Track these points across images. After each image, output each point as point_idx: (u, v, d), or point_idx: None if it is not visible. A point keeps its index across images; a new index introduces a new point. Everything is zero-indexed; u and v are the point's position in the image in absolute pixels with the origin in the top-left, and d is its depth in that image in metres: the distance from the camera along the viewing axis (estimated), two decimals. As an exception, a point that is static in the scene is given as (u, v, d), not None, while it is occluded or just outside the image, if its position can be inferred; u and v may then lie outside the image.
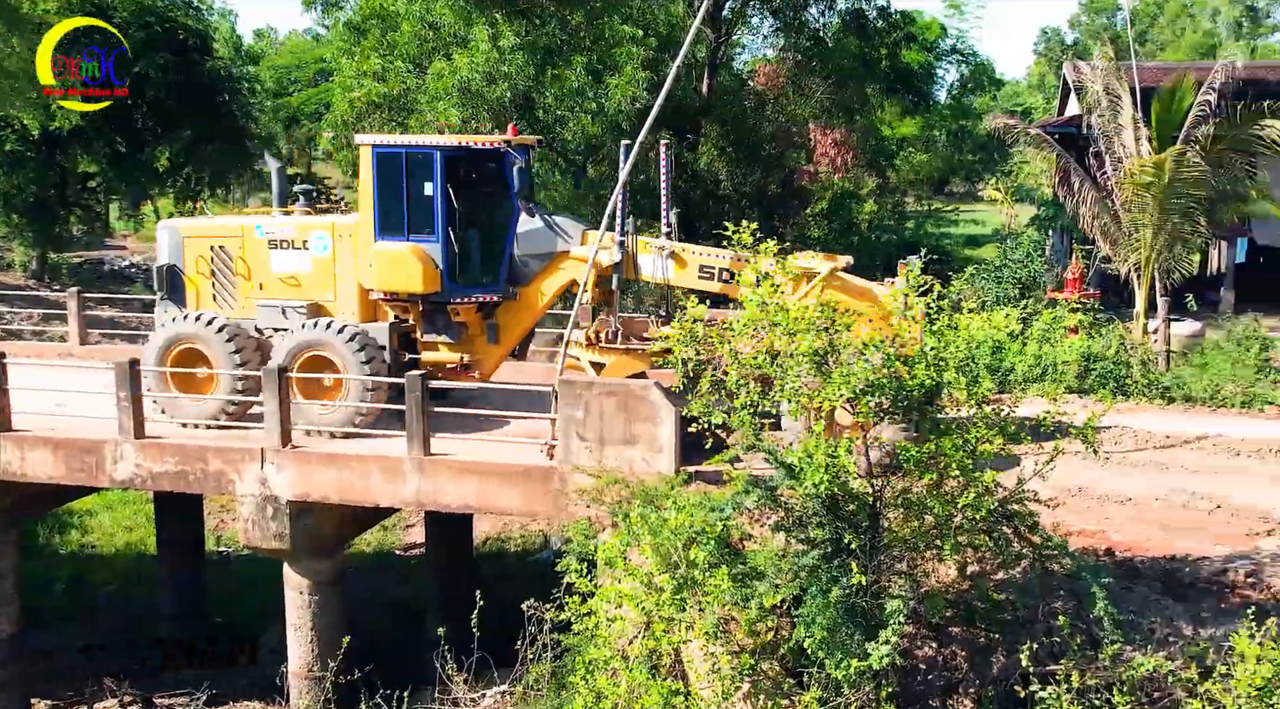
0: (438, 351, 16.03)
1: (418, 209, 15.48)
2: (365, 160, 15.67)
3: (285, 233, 16.14)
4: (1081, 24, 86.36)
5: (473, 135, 16.76)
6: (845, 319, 10.73)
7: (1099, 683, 9.40)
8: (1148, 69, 35.72)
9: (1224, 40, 75.04)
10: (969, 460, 9.90)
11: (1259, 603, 10.42)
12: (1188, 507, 13.14)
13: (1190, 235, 23.16)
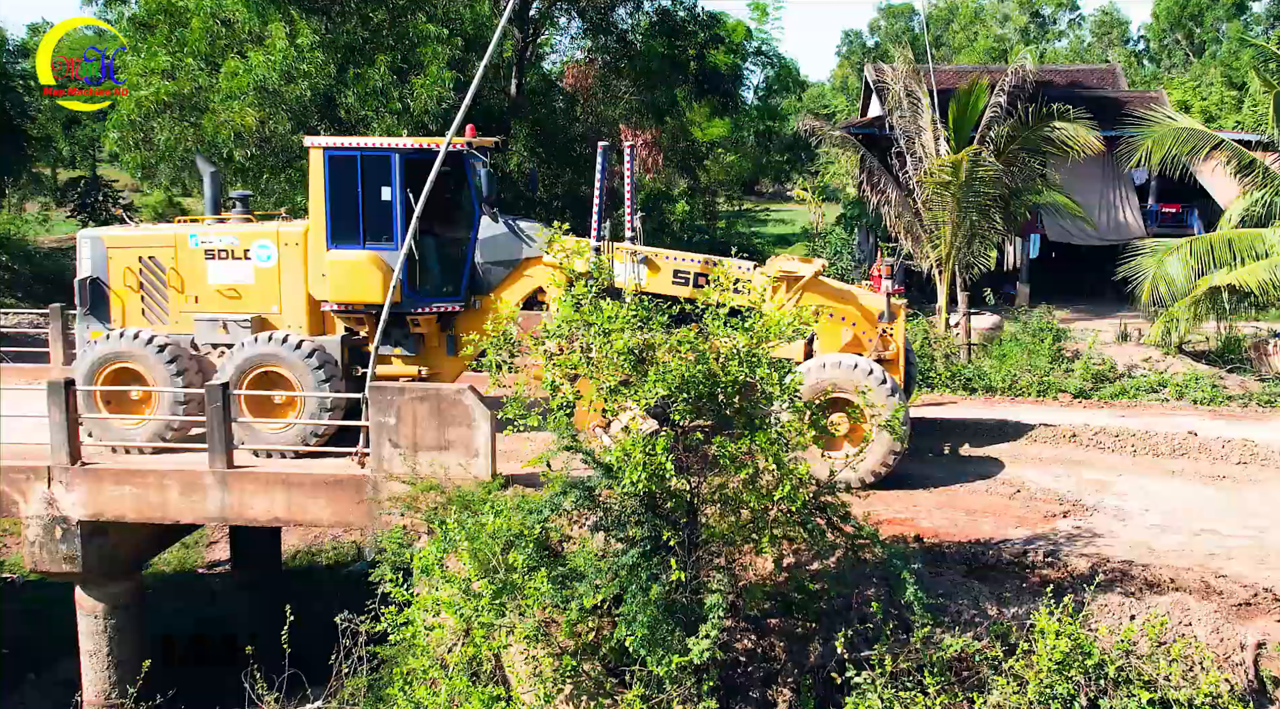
0: (392, 365, 15.39)
1: (374, 215, 14.87)
2: (316, 164, 14.94)
3: (224, 242, 15.26)
4: (881, 28, 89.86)
5: (431, 137, 15.96)
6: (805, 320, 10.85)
7: (911, 665, 9.83)
8: (944, 72, 37.53)
9: (1015, 45, 79.29)
10: (784, 454, 10.18)
11: (1057, 581, 11.08)
12: (990, 492, 13.89)
13: (987, 232, 24.41)
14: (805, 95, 76.15)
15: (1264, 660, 10.37)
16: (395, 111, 25.47)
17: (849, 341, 14.55)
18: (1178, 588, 11.08)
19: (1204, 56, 72.34)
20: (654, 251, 15.21)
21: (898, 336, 14.58)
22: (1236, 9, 73.71)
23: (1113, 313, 29.05)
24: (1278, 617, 10.68)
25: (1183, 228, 34.75)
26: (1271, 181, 22.28)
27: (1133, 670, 9.75)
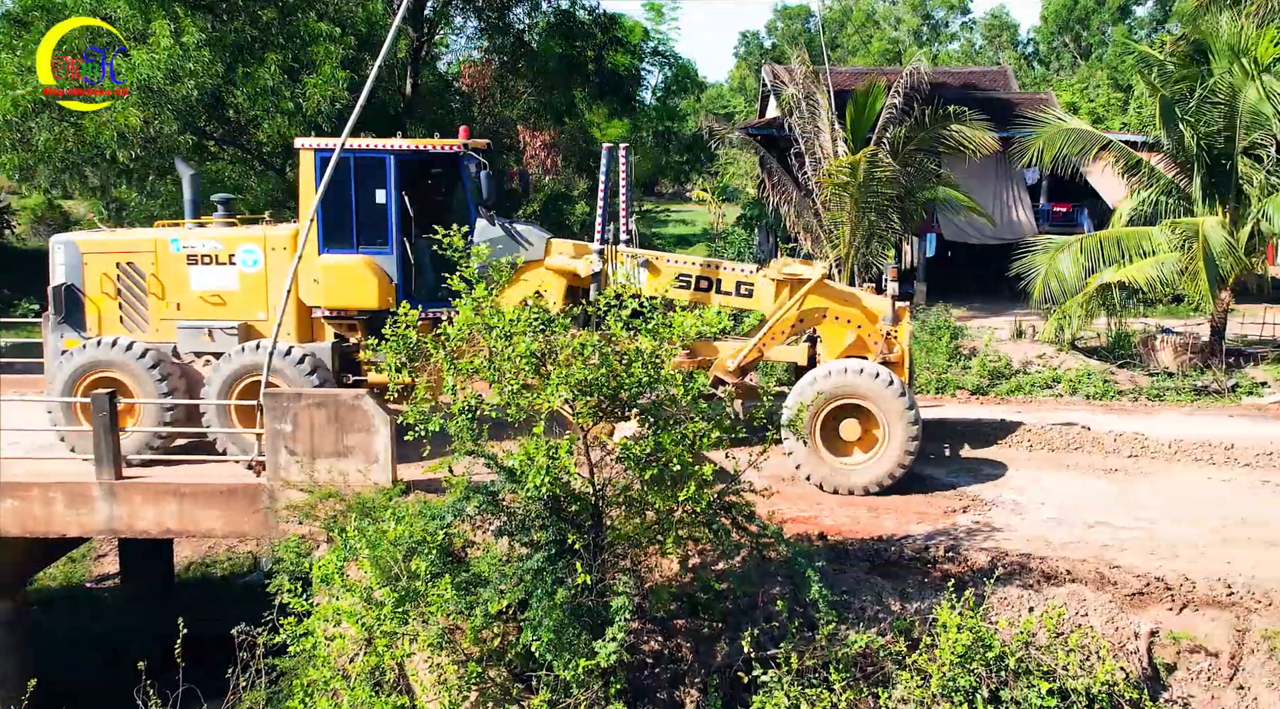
0: (381, 372, 14.91)
1: (368, 218, 14.56)
2: (307, 166, 14.62)
3: (208, 247, 14.83)
4: (778, 29, 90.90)
5: (425, 138, 15.58)
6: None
7: (817, 663, 9.95)
8: (841, 73, 38.05)
9: (908, 47, 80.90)
10: (689, 455, 10.24)
11: (958, 575, 11.31)
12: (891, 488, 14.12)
13: (885, 232, 24.83)
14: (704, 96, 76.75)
15: (1157, 648, 10.70)
16: (286, 111, 25.01)
17: (853, 344, 14.70)
18: (1074, 579, 11.38)
19: (1090, 59, 74.64)
20: (655, 255, 15.21)
21: (903, 339, 14.67)
22: (1121, 13, 76.17)
23: (1007, 310, 29.76)
24: (1169, 605, 11.03)
25: (1073, 226, 35.74)
26: (1158, 181, 23.06)
27: (1032, 661, 9.99)
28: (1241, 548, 12.23)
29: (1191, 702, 10.34)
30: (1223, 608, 10.94)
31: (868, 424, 13.88)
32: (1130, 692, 9.86)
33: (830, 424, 13.93)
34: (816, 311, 14.63)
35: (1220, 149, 21.41)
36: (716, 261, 15.38)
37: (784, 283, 14.65)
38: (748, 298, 15.04)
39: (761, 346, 14.68)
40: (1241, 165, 21.49)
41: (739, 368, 14.67)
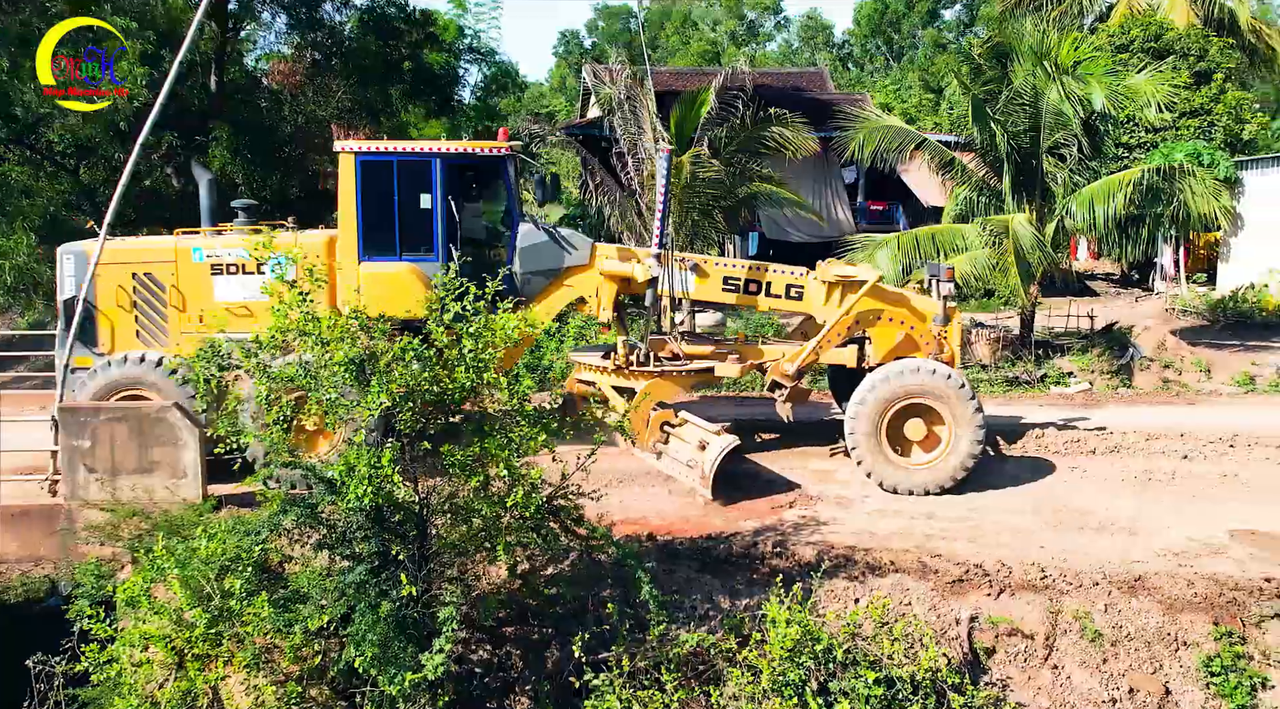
0: None
1: (412, 224, 14.15)
2: (347, 170, 14.19)
3: (234, 256, 14.20)
4: (599, 28, 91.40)
5: (470, 141, 14.97)
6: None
7: (648, 664, 10.04)
8: (662, 73, 38.50)
9: (727, 48, 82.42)
10: (515, 459, 10.19)
11: (786, 570, 11.57)
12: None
13: (709, 232, 25.19)
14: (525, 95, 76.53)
15: (977, 633, 11.17)
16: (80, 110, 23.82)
17: (902, 343, 14.89)
18: (898, 570, 11.78)
19: (903, 61, 77.47)
20: (703, 259, 15.28)
21: (953, 339, 14.94)
22: (930, 17, 79.24)
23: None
24: (988, 591, 11.53)
25: (890, 224, 37.00)
26: (969, 180, 24.05)
27: (859, 652, 10.30)
28: (1054, 532, 12.89)
29: (1010, 682, 10.83)
30: (1037, 591, 11.50)
31: (931, 424, 14.13)
32: (952, 677, 10.26)
33: (894, 424, 14.16)
34: (871, 313, 14.85)
35: (1026, 148, 22.44)
36: (764, 265, 15.53)
37: (835, 285, 14.90)
38: (798, 300, 15.35)
39: (819, 349, 14.83)
40: (1046, 164, 22.55)
41: (798, 371, 14.83)
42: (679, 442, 14.36)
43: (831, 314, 14.95)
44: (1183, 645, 10.98)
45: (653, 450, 14.60)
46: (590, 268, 15.09)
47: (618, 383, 14.84)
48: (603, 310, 15.05)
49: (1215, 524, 13.17)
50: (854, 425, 14.11)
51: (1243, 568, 11.91)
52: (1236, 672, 10.69)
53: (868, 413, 14.04)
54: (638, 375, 14.71)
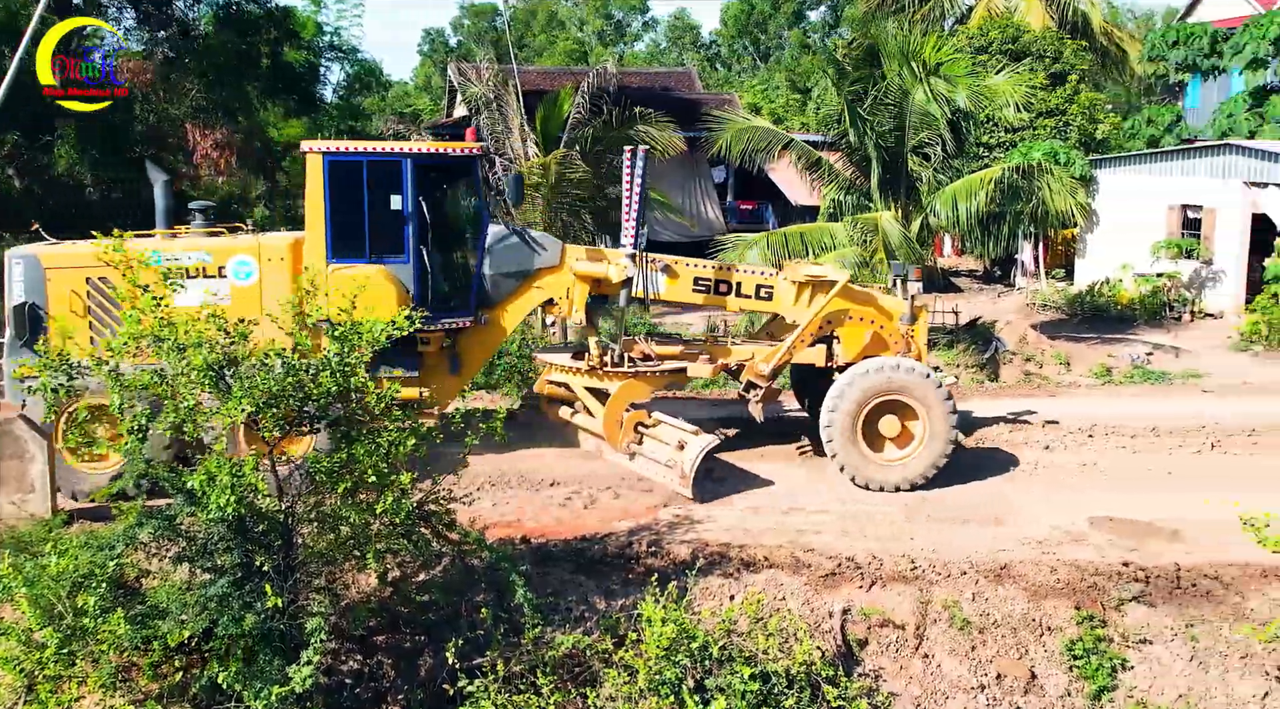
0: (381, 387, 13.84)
1: (382, 226, 13.95)
2: (314, 171, 13.89)
3: (194, 259, 13.85)
4: (464, 26, 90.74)
5: (440, 141, 14.26)
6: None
7: (524, 668, 10.02)
8: (529, 73, 38.41)
9: (594, 48, 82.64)
10: (384, 465, 10.08)
11: (661, 569, 11.66)
12: (597, 487, 14.37)
13: (579, 232, 25.24)
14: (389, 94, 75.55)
15: (849, 625, 11.41)
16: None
17: (871, 342, 15.15)
18: (772, 565, 11.97)
19: (770, 62, 78.68)
20: (674, 260, 15.31)
21: (919, 338, 15.27)
22: (796, 18, 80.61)
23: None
24: (860, 584, 11.79)
25: (760, 223, 37.56)
26: (836, 179, 24.56)
27: (735, 648, 10.42)
28: (923, 525, 13.24)
29: (882, 673, 11.08)
30: (907, 582, 11.80)
31: (904, 421, 14.33)
32: (826, 669, 10.45)
33: (868, 421, 14.33)
34: (841, 313, 15.09)
35: (893, 148, 23.01)
36: (734, 265, 15.82)
37: (804, 285, 15.08)
38: (767, 300, 15.57)
39: (793, 349, 14.99)
40: (912, 163, 23.16)
41: (773, 371, 15.01)
42: (654, 442, 14.43)
43: (801, 313, 15.22)
44: (1047, 630, 11.37)
45: (626, 451, 14.62)
46: (560, 269, 15.12)
47: (591, 384, 14.89)
48: (575, 311, 15.10)
49: (1076, 512, 13.68)
50: (831, 420, 14.31)
51: (1102, 554, 12.40)
52: (1098, 654, 11.12)
53: (845, 409, 14.25)
54: (612, 376, 14.72)
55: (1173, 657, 11.16)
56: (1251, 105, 32.21)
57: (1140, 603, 11.54)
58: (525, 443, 15.63)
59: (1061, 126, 31.30)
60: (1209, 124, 34.16)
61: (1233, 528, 11.24)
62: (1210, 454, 16.26)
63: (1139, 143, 34.68)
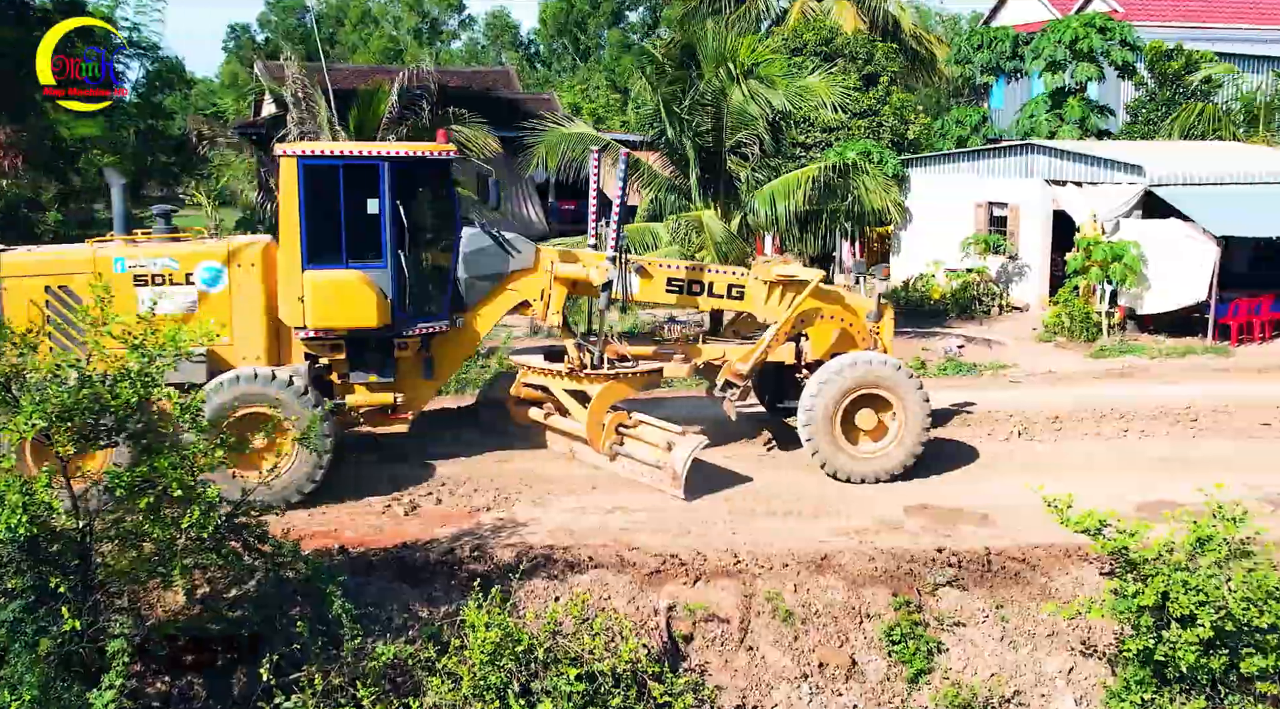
0: (355, 393, 14.47)
1: (359, 230, 13.80)
2: (289, 175, 13.69)
3: (160, 265, 13.65)
4: (271, 23, 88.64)
5: (415, 143, 14.61)
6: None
7: (344, 680, 9.87)
8: (341, 71, 37.81)
9: (410, 45, 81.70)
10: (190, 478, 9.82)
11: (485, 574, 11.63)
12: (418, 493, 14.25)
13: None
14: (193, 92, 73.25)
15: (675, 621, 11.60)
16: None
17: (839, 339, 15.70)
18: (597, 564, 12.07)
19: (590, 61, 79.10)
20: (648, 260, 15.72)
21: (885, 335, 15.95)
22: (615, 18, 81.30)
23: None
24: (684, 580, 11.99)
25: (582, 223, 37.62)
26: (655, 179, 24.86)
27: (560, 650, 10.47)
28: (745, 518, 13.54)
29: (708, 667, 11.31)
30: (731, 576, 12.06)
31: (879, 414, 14.81)
32: (652, 666, 10.60)
33: (845, 415, 14.75)
34: (813, 311, 15.52)
35: (711, 148, 23.41)
36: (705, 265, 16.20)
37: (775, 284, 15.43)
38: (739, 300, 15.91)
39: (768, 348, 15.38)
40: (730, 163, 23.60)
41: (750, 369, 15.33)
42: (638, 443, 14.62)
43: (773, 313, 15.64)
44: (866, 617, 11.78)
45: (608, 453, 14.78)
46: (535, 271, 15.17)
47: (571, 386, 14.98)
48: (553, 314, 15.15)
49: (893, 501, 14.21)
50: (810, 417, 14.70)
51: (917, 541, 12.90)
52: (915, 638, 11.57)
53: (824, 404, 14.66)
54: (593, 379, 14.83)
55: (985, 637, 11.71)
56: (1051, 107, 33.83)
57: (954, 587, 12.06)
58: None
59: (875, 127, 32.34)
60: (1012, 124, 35.76)
61: (1038, 511, 11.82)
62: (1018, 441, 17.09)
63: (948, 142, 36.08)
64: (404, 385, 14.73)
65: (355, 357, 14.42)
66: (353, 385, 14.54)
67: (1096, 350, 23.43)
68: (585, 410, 14.81)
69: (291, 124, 25.72)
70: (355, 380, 14.53)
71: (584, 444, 15.15)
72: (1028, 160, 28.15)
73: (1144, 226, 24.44)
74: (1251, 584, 10.26)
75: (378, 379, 14.49)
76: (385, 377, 14.49)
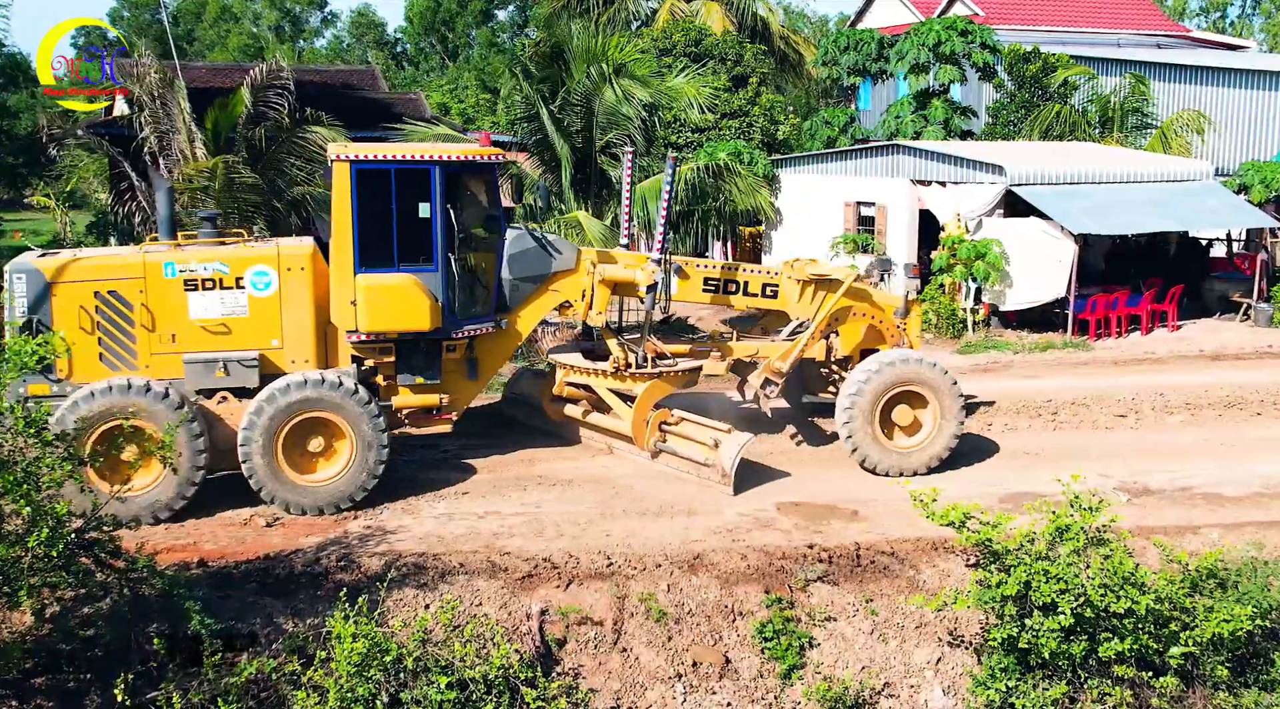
0: (401, 395, 14.68)
1: (410, 233, 14.02)
2: (342, 179, 13.89)
3: (210, 270, 13.73)
4: (124, 18, 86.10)
5: (463, 146, 14.81)
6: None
7: (204, 698, 9.66)
8: (198, 69, 36.89)
9: (271, 43, 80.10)
10: (36, 493, 9.52)
11: (352, 584, 11.49)
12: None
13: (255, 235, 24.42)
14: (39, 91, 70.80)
15: (548, 625, 11.59)
16: None
17: (867, 334, 16.37)
18: (468, 571, 12.00)
19: (459, 60, 78.53)
20: (685, 260, 16.03)
21: (912, 331, 16.61)
22: (484, 16, 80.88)
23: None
24: (557, 583, 11.99)
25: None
26: (527, 180, 24.83)
27: (430, 658, 10.40)
28: (618, 520, 13.58)
29: (582, 670, 11.32)
30: (604, 578, 12.09)
31: (914, 410, 15.32)
32: (525, 671, 10.59)
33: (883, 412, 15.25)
34: (846, 309, 16.15)
35: (582, 148, 23.47)
36: (739, 265, 16.74)
37: (808, 283, 15.85)
38: (772, 299, 16.45)
39: (805, 346, 15.93)
40: (602, 162, 23.71)
41: (790, 367, 15.94)
42: (681, 440, 15.07)
43: (805, 310, 16.17)
44: (739, 615, 11.92)
45: (651, 450, 15.23)
46: (576, 272, 15.49)
47: (615, 386, 15.41)
48: (596, 314, 15.43)
49: (765, 498, 14.40)
50: (850, 414, 15.14)
51: (789, 537, 13.09)
52: (787, 634, 11.75)
53: (865, 400, 15.10)
54: (637, 378, 15.25)
55: (855, 631, 11.95)
56: (916, 108, 34.67)
57: (825, 582, 12.28)
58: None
59: (745, 127, 32.78)
60: (879, 125, 36.54)
61: (906, 505, 12.11)
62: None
63: (817, 143, 36.70)
64: (449, 386, 15.00)
65: (403, 359, 14.64)
66: (398, 387, 14.72)
67: (963, 346, 24.08)
68: (629, 409, 15.29)
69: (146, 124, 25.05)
70: (402, 382, 14.72)
71: (622, 441, 15.74)
72: (894, 160, 28.79)
73: (1005, 225, 25.19)
74: (1108, 571, 10.68)
75: (424, 381, 14.72)
76: (432, 378, 14.73)
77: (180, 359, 13.76)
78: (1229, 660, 11.12)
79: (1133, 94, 32.48)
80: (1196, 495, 14.66)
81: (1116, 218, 24.94)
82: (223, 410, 13.78)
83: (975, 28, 34.07)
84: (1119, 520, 11.23)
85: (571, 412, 16.35)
